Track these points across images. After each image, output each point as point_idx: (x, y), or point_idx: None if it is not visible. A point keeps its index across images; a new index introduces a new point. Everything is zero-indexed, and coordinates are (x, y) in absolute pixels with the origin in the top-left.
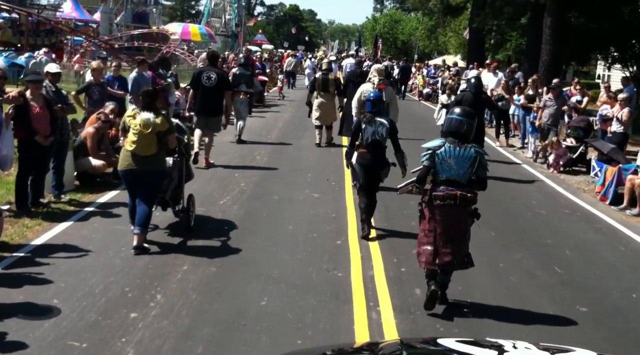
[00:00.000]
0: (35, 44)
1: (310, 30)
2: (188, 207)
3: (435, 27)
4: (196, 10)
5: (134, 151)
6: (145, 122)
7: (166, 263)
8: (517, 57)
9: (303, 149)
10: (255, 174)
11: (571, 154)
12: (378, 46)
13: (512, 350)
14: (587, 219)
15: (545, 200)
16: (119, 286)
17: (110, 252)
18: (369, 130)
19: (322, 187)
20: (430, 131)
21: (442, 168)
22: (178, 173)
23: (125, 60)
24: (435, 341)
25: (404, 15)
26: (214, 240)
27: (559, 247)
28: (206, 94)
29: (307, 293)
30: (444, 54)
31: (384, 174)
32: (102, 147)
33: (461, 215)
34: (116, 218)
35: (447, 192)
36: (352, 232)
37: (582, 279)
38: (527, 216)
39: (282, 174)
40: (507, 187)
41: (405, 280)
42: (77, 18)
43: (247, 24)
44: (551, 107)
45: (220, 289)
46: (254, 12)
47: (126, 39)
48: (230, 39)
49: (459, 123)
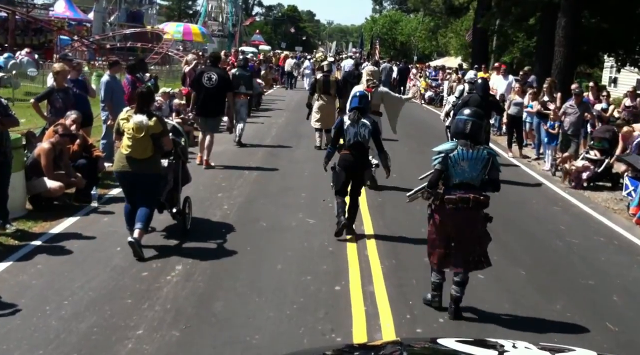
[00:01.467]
0: (23, 44)
1: (309, 31)
2: (184, 210)
3: (437, 28)
4: (193, 10)
5: (129, 155)
6: (139, 125)
7: (116, 326)
8: (525, 60)
9: (297, 161)
10: (241, 193)
11: (595, 168)
12: (375, 47)
13: (512, 350)
14: (627, 249)
15: (574, 224)
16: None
17: (48, 308)
18: (351, 131)
19: (318, 209)
20: (433, 137)
21: (455, 171)
22: (173, 175)
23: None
24: (435, 341)
25: (404, 15)
26: (178, 289)
27: (603, 291)
28: (207, 94)
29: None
30: (444, 55)
31: (367, 176)
32: (61, 165)
33: (474, 218)
34: (66, 256)
35: (460, 196)
36: (354, 273)
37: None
38: (558, 247)
39: (272, 194)
40: (529, 206)
41: None
42: (70, 17)
43: (244, 24)
44: (573, 114)
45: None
46: (252, 12)
47: (119, 38)
48: (227, 39)
49: (471, 124)
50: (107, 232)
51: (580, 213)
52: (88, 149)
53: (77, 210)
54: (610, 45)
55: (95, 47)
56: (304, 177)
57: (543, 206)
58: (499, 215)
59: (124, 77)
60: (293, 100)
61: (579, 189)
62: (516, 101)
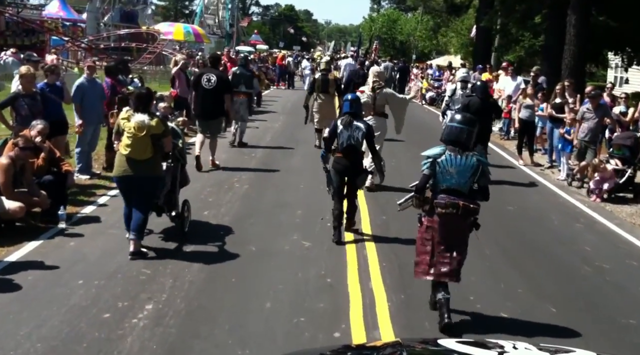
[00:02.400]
0: (14, 44)
1: (307, 31)
2: (182, 213)
3: (439, 26)
4: (190, 9)
5: (129, 155)
6: (140, 125)
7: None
8: (529, 59)
9: (293, 172)
10: (229, 210)
11: (617, 178)
12: (375, 47)
13: (512, 351)
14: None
15: (600, 245)
16: None
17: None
18: (344, 134)
19: (315, 230)
20: (435, 138)
21: (443, 177)
22: (171, 178)
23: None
24: (435, 341)
25: (402, 14)
26: (144, 338)
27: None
28: (206, 96)
29: None
30: (443, 54)
31: (360, 180)
32: (23, 182)
33: (461, 226)
34: (16, 292)
35: (449, 201)
36: (356, 313)
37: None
38: (588, 274)
39: (265, 211)
40: (548, 224)
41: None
42: (64, 17)
43: (241, 24)
44: (590, 120)
45: None
46: (249, 12)
47: (114, 39)
48: (224, 39)
49: (459, 131)
50: (71, 260)
51: (605, 231)
52: (56, 162)
53: (42, 233)
54: (618, 44)
55: (88, 47)
56: (299, 191)
57: (564, 223)
58: (518, 234)
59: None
60: (289, 102)
61: (599, 201)
62: (527, 104)
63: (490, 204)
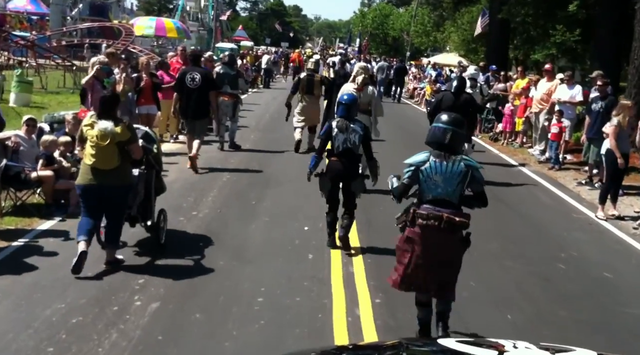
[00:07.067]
0: None
1: (296, 26)
2: (158, 223)
3: (443, 20)
4: (174, 4)
5: (93, 165)
6: (103, 133)
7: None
8: (559, 58)
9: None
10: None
11: None
12: (365, 44)
13: (512, 350)
14: None
15: None
16: None
17: None
18: (340, 137)
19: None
20: None
21: (428, 186)
22: (145, 186)
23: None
24: (435, 341)
25: (394, 9)
26: None
27: None
28: (190, 95)
29: None
30: (441, 51)
31: (357, 186)
32: None
33: (446, 241)
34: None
35: (431, 212)
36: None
37: None
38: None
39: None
40: None
41: None
42: (30, 11)
43: (221, 17)
44: None
45: None
46: (236, 6)
47: (83, 33)
48: (207, 34)
49: (443, 132)
50: None
51: None
52: None
53: None
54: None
55: (29, 44)
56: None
57: None
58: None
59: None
60: (270, 108)
61: None
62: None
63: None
